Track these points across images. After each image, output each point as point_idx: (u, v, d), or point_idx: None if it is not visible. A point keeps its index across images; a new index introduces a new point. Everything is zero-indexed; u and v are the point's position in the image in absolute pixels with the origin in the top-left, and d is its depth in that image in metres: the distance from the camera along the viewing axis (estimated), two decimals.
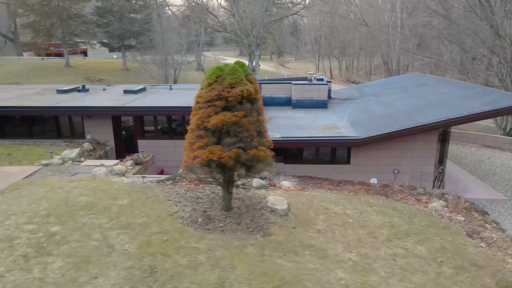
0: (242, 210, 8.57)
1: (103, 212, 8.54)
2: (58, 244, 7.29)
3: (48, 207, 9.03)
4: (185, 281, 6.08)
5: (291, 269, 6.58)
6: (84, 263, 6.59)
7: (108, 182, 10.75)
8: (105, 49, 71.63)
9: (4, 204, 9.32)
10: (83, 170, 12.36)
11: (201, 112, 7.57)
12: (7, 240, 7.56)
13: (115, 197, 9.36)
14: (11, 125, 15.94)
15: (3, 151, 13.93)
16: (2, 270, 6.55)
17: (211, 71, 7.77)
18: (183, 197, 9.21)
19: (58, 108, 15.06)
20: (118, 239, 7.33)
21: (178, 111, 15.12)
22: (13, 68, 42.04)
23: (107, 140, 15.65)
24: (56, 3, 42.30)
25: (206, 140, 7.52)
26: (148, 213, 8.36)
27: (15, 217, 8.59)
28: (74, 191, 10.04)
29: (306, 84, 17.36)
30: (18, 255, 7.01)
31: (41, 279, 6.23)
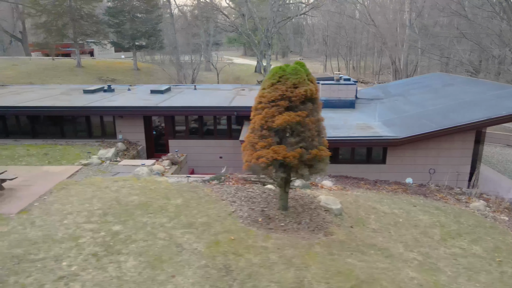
0: (298, 209, 8.61)
1: (161, 211, 8.59)
2: (125, 243, 7.34)
3: (102, 207, 9.09)
4: (263, 279, 6.12)
5: (363, 268, 6.61)
6: (157, 262, 6.64)
7: (153, 182, 10.80)
8: (111, 49, 71.86)
9: (56, 204, 9.38)
10: (122, 170, 12.40)
11: (265, 112, 7.61)
12: (72, 239, 7.62)
13: (167, 197, 9.41)
14: (43, 125, 16.00)
15: (40, 151, 13.98)
16: (76, 269, 6.60)
17: (273, 71, 7.81)
18: (235, 197, 9.26)
19: (91, 108, 15.11)
20: (184, 238, 7.37)
21: (210, 111, 15.16)
22: (26, 68, 42.11)
23: (138, 140, 15.70)
24: (68, 3, 42.38)
25: (270, 140, 7.56)
26: (206, 212, 8.40)
27: (71, 216, 8.65)
28: (122, 191, 10.10)
29: (334, 84, 17.38)
30: (87, 253, 7.06)
31: (119, 278, 6.27)
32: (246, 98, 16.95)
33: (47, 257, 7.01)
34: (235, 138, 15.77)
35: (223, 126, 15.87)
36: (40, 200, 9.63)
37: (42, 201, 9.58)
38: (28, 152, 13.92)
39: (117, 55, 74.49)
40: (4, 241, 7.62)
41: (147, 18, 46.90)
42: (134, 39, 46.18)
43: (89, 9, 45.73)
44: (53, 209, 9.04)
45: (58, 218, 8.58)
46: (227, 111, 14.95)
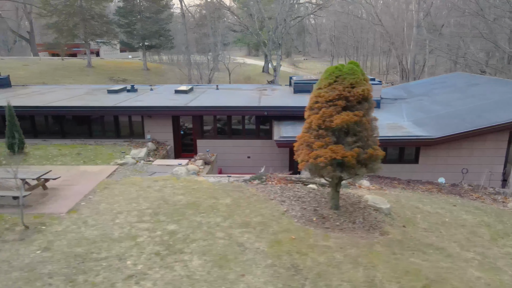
0: (349, 209, 8.63)
1: (212, 211, 8.62)
2: (185, 242, 7.37)
3: (150, 206, 9.12)
4: (334, 279, 6.14)
5: (429, 267, 6.63)
6: (223, 261, 6.66)
7: (194, 182, 10.84)
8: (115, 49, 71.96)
9: (103, 203, 9.42)
10: (157, 169, 12.44)
11: (322, 111, 7.63)
12: (130, 238, 7.65)
13: (215, 197, 9.45)
14: (72, 125, 16.04)
15: (72, 151, 14.02)
16: (142, 268, 6.63)
17: (329, 71, 7.83)
18: (283, 196, 9.28)
19: (121, 108, 15.13)
20: (244, 237, 7.40)
21: (240, 110, 15.18)
22: (37, 69, 42.20)
23: (166, 140, 15.73)
24: (79, 3, 42.46)
25: (328, 140, 7.58)
26: (259, 212, 8.43)
27: (122, 215, 8.68)
28: (166, 190, 10.13)
29: None
30: (149, 253, 7.09)
31: (189, 277, 6.30)
32: (273, 98, 16.98)
33: (110, 256, 7.04)
34: (263, 138, 15.83)
35: (251, 125, 15.89)
36: (86, 199, 9.67)
37: (88, 200, 9.62)
38: (60, 152, 13.97)
39: (122, 55, 74.67)
40: (62, 240, 7.67)
41: (157, 18, 46.98)
42: (144, 39, 46.23)
43: (99, 9, 45.85)
44: (102, 209, 9.08)
45: (109, 217, 8.61)
46: (257, 111, 14.97)
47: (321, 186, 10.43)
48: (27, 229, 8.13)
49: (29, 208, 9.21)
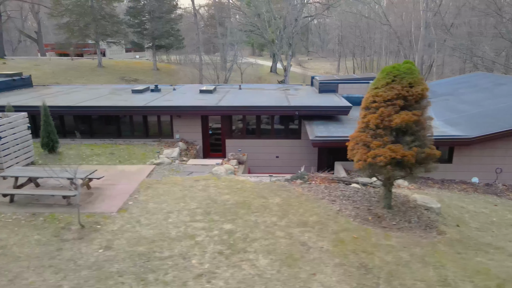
0: (401, 208, 8.65)
1: (265, 210, 8.63)
2: (246, 241, 7.38)
3: (199, 206, 9.14)
4: (406, 278, 6.15)
5: (496, 267, 6.64)
6: (290, 260, 6.68)
7: (235, 181, 10.86)
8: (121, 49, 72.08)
9: (151, 203, 9.45)
10: (194, 169, 12.45)
11: (380, 111, 7.64)
12: (188, 237, 7.67)
13: (263, 196, 9.46)
14: (101, 125, 16.08)
15: (104, 150, 14.05)
16: (209, 267, 6.65)
17: (386, 70, 7.84)
18: (332, 196, 9.30)
19: (150, 108, 15.15)
20: (305, 236, 7.41)
21: (270, 110, 15.19)
22: (48, 69, 42.24)
23: (195, 139, 15.76)
24: (90, 3, 42.51)
25: (386, 139, 7.60)
26: (313, 211, 8.44)
27: (174, 215, 8.70)
28: (210, 190, 10.15)
29: None
30: (212, 252, 7.11)
31: (260, 275, 6.32)
32: (300, 97, 16.97)
33: (173, 255, 7.06)
34: (292, 138, 15.84)
35: (279, 125, 15.90)
36: (132, 199, 9.70)
37: (134, 200, 9.64)
38: (93, 151, 14.00)
39: (128, 55, 74.82)
40: (120, 239, 7.69)
41: (167, 18, 47.01)
42: (155, 39, 46.25)
43: (109, 9, 45.89)
44: (151, 208, 9.10)
45: (161, 216, 8.64)
46: (288, 111, 14.97)
47: (363, 186, 10.44)
48: (83, 228, 8.16)
49: (79, 207, 9.23)
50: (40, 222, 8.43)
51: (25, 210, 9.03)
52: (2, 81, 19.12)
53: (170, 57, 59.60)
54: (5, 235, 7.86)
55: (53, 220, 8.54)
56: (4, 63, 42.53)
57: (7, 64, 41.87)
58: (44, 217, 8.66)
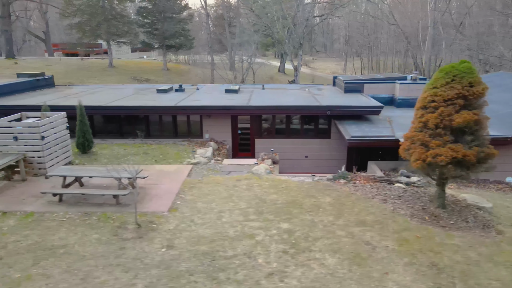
0: (454, 207, 8.66)
1: (318, 209, 8.66)
2: (308, 240, 7.40)
3: (249, 205, 9.16)
4: (481, 277, 6.17)
5: None
6: (359, 259, 6.70)
7: (278, 181, 10.88)
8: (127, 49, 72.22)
9: (199, 202, 9.47)
10: (231, 169, 12.47)
11: (440, 110, 7.65)
12: (247, 237, 7.69)
13: (312, 195, 9.49)
14: (130, 125, 16.11)
15: (138, 150, 14.08)
16: (277, 266, 6.67)
17: (445, 69, 7.86)
18: (381, 195, 9.32)
19: (181, 108, 15.17)
20: (367, 236, 7.43)
21: (301, 110, 15.20)
22: (60, 69, 42.29)
23: (225, 139, 15.78)
24: (102, 3, 42.57)
25: (446, 138, 7.61)
26: (367, 210, 8.46)
27: (226, 214, 8.72)
28: (255, 189, 10.18)
29: (412, 84, 17.40)
30: (276, 251, 7.13)
31: (332, 274, 6.33)
32: (329, 97, 16.98)
33: (237, 254, 7.09)
34: (321, 138, 15.86)
35: (309, 125, 15.92)
36: (179, 198, 9.72)
37: (181, 199, 9.67)
38: (126, 151, 14.03)
39: (133, 55, 74.92)
40: (180, 238, 7.71)
41: (178, 18, 47.07)
42: (166, 38, 46.29)
43: (121, 8, 45.95)
44: (201, 208, 9.12)
45: (214, 216, 8.66)
46: (319, 110, 14.99)
47: (406, 185, 10.45)
48: (139, 227, 8.19)
49: (128, 206, 9.27)
50: (95, 221, 8.46)
51: (76, 209, 9.07)
52: (26, 81, 19.18)
53: (178, 57, 59.67)
54: (64, 234, 7.90)
55: (106, 219, 8.58)
56: (15, 63, 42.64)
57: (19, 64, 41.98)
58: (97, 216, 8.69)
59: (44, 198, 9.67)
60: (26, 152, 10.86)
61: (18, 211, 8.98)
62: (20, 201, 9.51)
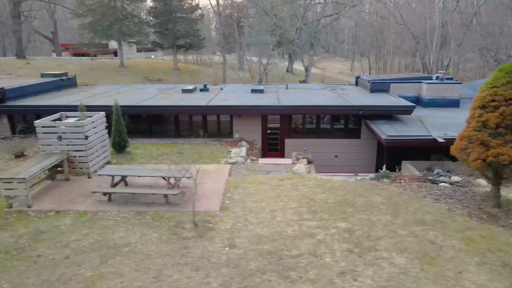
0: (509, 207, 8.66)
1: (372, 209, 8.67)
2: (370, 240, 7.42)
3: (300, 204, 9.18)
4: None
5: None
6: (428, 258, 6.71)
7: (321, 180, 10.90)
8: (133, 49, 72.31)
9: (248, 201, 9.50)
10: (269, 168, 12.49)
11: (501, 109, 7.66)
12: (307, 236, 7.71)
13: (361, 195, 9.50)
14: (160, 124, 16.14)
15: (171, 150, 14.11)
16: (346, 265, 6.68)
17: (505, 69, 7.86)
18: (432, 194, 9.33)
19: (212, 107, 15.20)
20: (430, 235, 7.44)
21: (330, 110, 15.21)
22: (73, 69, 42.33)
23: (255, 139, 15.80)
24: (113, 3, 42.66)
25: (508, 138, 7.62)
26: (424, 210, 8.47)
27: (279, 214, 8.74)
28: (301, 189, 10.20)
29: (439, 83, 17.40)
30: (341, 250, 7.14)
31: (405, 273, 6.34)
32: (357, 97, 16.98)
33: (303, 253, 7.10)
34: (351, 137, 15.87)
35: (339, 125, 15.93)
36: (227, 198, 9.75)
37: (229, 199, 9.69)
38: (159, 151, 14.06)
39: (139, 55, 75.05)
40: (240, 237, 7.73)
41: (189, 18, 47.14)
42: (177, 38, 46.35)
43: (131, 9, 46.03)
44: (251, 207, 9.14)
45: (267, 215, 8.68)
46: (351, 110, 15.00)
47: (450, 185, 10.45)
48: (196, 226, 8.22)
49: (178, 206, 9.30)
50: (149, 221, 8.49)
51: (128, 209, 9.09)
52: (52, 81, 19.24)
53: (187, 57, 59.72)
54: (123, 233, 7.93)
55: (160, 218, 8.60)
56: (27, 63, 42.75)
57: (31, 64, 42.09)
58: (150, 216, 8.72)
59: (93, 197, 9.71)
60: (69, 151, 10.90)
61: (71, 210, 9.02)
62: (69, 201, 9.55)
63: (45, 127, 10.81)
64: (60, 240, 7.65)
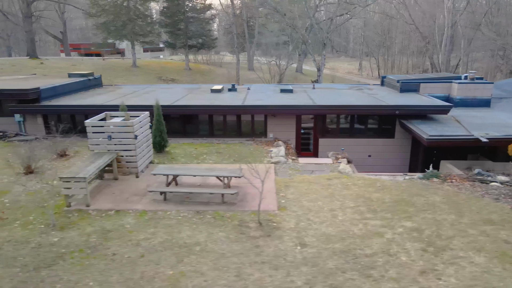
0: None
1: (433, 208, 8.69)
2: (441, 239, 7.42)
3: (357, 204, 9.20)
4: None
5: None
6: (507, 258, 6.72)
7: (370, 180, 10.92)
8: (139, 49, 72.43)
9: (303, 201, 9.52)
10: (311, 168, 12.50)
11: None
12: (375, 235, 7.73)
13: (418, 194, 9.52)
14: (193, 124, 16.17)
15: (209, 149, 14.12)
16: (425, 264, 6.69)
17: None
18: (489, 194, 9.36)
19: (248, 107, 15.23)
20: (502, 234, 7.45)
21: (365, 109, 15.21)
22: (87, 69, 42.40)
23: (289, 138, 15.80)
24: (127, 3, 42.73)
25: None
26: (487, 209, 8.49)
27: (339, 213, 8.76)
28: (353, 188, 10.22)
29: (471, 83, 17.40)
30: (415, 249, 7.16)
31: (488, 272, 6.35)
32: (390, 97, 16.97)
33: (376, 252, 7.12)
34: (384, 137, 15.87)
35: (373, 125, 15.94)
36: (280, 197, 9.77)
37: (284, 198, 9.72)
38: (198, 150, 14.08)
39: (145, 55, 75.16)
40: (308, 236, 7.75)
41: (201, 18, 47.19)
42: (189, 38, 46.38)
43: (143, 8, 46.09)
44: (309, 206, 9.17)
45: (328, 214, 8.70)
46: (387, 110, 15.00)
47: (500, 184, 10.45)
48: (261, 225, 8.24)
49: (234, 205, 9.33)
50: (211, 220, 8.51)
51: (186, 208, 9.12)
52: (80, 81, 19.28)
53: (197, 57, 59.80)
54: (189, 232, 7.95)
55: (222, 217, 8.63)
56: (41, 63, 42.88)
57: (45, 64, 42.23)
58: (210, 215, 8.75)
59: (147, 196, 9.74)
60: (117, 151, 10.93)
61: (130, 209, 9.05)
62: (125, 200, 9.58)
63: (95, 127, 10.84)
64: (130, 238, 7.68)
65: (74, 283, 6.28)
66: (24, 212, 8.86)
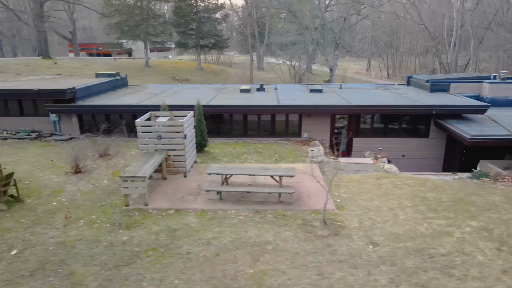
0: None
1: (496, 207, 8.70)
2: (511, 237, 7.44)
3: (414, 203, 9.20)
4: None
5: None
6: None
7: (418, 179, 10.93)
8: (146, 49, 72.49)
9: (358, 200, 9.53)
10: (354, 167, 12.53)
11: None
12: (443, 234, 7.74)
13: (473, 193, 9.56)
14: (226, 124, 16.19)
15: (248, 149, 14.14)
16: (504, 263, 6.69)
17: None
18: None
19: (283, 107, 15.25)
20: None
21: (403, 109, 15.21)
22: (101, 68, 42.49)
23: (323, 138, 15.80)
24: (140, 3, 42.81)
25: None
26: None
27: (400, 212, 8.76)
28: (405, 188, 10.22)
29: (502, 83, 17.38)
30: (489, 248, 7.16)
31: None
32: (422, 97, 16.97)
33: (450, 251, 7.11)
34: (418, 137, 15.87)
35: (407, 124, 15.94)
36: (334, 196, 9.77)
37: (338, 197, 9.73)
38: (236, 150, 14.10)
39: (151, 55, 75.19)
40: (376, 235, 7.76)
41: (212, 18, 47.26)
42: (201, 38, 46.42)
43: (158, 8, 46.20)
44: (366, 205, 9.17)
45: (388, 214, 8.71)
46: (423, 110, 15.00)
47: None
48: (325, 224, 8.25)
49: (292, 204, 9.33)
50: (273, 219, 8.52)
51: (244, 207, 9.13)
52: (108, 81, 19.33)
53: (206, 57, 59.84)
54: (256, 232, 7.96)
55: (283, 217, 8.64)
56: (55, 63, 42.99)
57: (58, 64, 42.34)
58: (271, 214, 8.76)
59: (201, 195, 9.77)
60: (165, 150, 10.95)
61: (189, 209, 9.07)
62: (180, 199, 9.60)
63: (145, 126, 10.87)
64: (199, 237, 7.70)
65: (159, 281, 6.30)
66: (85, 211, 8.89)
